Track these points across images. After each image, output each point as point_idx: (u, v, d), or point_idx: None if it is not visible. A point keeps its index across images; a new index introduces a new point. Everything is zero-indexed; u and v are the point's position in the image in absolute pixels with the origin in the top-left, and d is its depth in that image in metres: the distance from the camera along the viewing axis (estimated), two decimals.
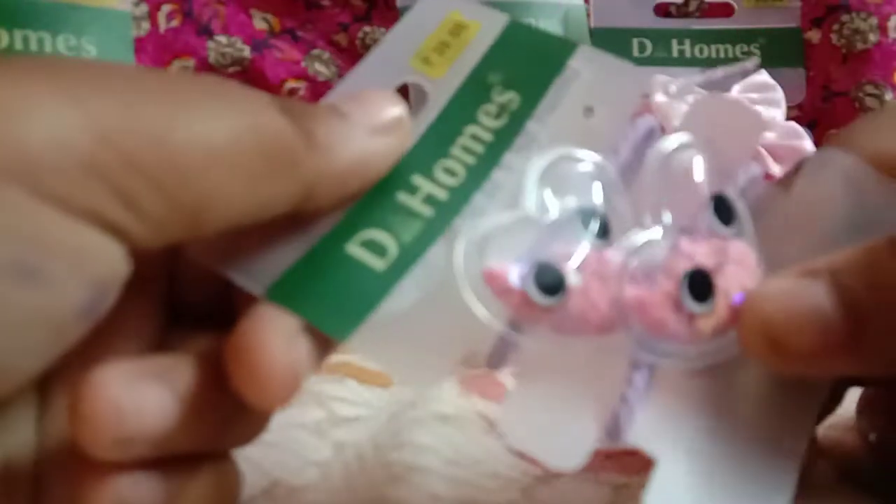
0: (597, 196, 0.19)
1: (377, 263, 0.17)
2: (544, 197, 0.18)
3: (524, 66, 0.21)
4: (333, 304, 0.16)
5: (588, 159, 0.19)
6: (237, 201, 0.15)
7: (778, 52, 0.45)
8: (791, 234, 0.18)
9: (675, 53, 0.45)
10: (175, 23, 0.44)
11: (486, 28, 0.21)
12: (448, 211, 0.18)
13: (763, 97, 0.42)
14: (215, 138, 0.14)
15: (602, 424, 0.16)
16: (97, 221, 0.14)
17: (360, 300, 0.17)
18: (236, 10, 0.45)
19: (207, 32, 0.44)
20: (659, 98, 0.41)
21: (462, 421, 0.27)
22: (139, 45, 0.41)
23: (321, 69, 0.46)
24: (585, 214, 0.18)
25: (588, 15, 0.46)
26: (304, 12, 0.47)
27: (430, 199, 0.18)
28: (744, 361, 0.16)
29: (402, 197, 0.18)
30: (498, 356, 0.17)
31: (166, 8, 0.43)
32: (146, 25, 0.42)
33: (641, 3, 0.46)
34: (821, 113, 0.46)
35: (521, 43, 0.21)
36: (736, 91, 0.42)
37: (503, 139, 0.20)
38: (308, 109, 0.16)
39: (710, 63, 0.45)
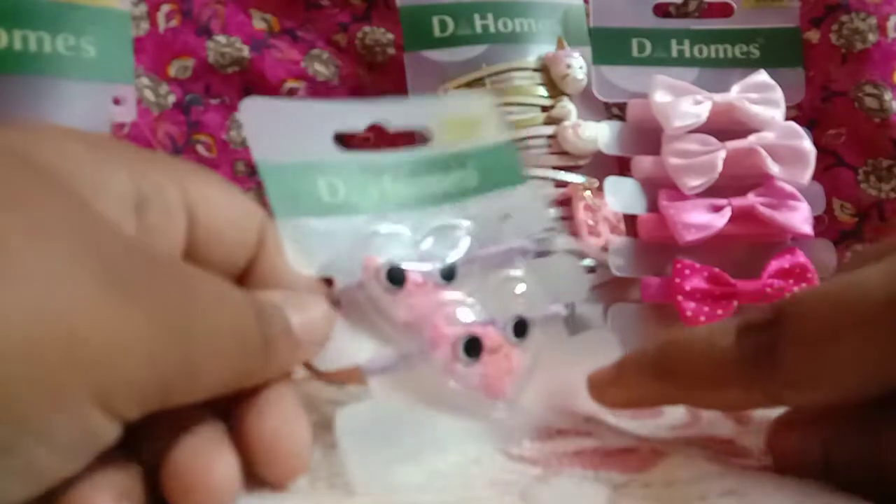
0: (462, 254, 0.28)
1: (327, 197, 0.28)
2: (431, 236, 0.29)
3: (495, 167, 0.32)
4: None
5: (473, 234, 0.29)
6: (215, 384, 0.20)
7: (777, 52, 0.45)
8: None
9: (674, 53, 0.45)
10: (174, 22, 0.44)
11: (493, 132, 0.32)
12: (380, 204, 0.29)
13: (762, 97, 0.42)
14: (218, 348, 0.19)
15: (362, 357, 0.26)
16: (121, 420, 0.17)
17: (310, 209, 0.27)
18: (235, 10, 0.45)
19: (206, 32, 0.44)
20: (659, 98, 0.41)
21: (458, 432, 0.27)
22: (138, 44, 0.41)
23: (320, 69, 0.46)
24: (444, 259, 0.28)
25: (587, 15, 0.46)
26: (304, 12, 0.47)
27: (381, 190, 0.29)
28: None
29: (369, 171, 0.29)
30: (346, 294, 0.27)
31: (165, 7, 0.43)
32: (145, 25, 0.42)
33: (641, 3, 0.46)
34: (820, 113, 0.46)
35: (504, 153, 0.32)
36: (735, 91, 0.42)
37: (448, 195, 0.30)
38: (274, 321, 0.21)
39: (709, 63, 0.45)
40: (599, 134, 0.42)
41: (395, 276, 0.27)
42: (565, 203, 0.42)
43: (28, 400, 0.15)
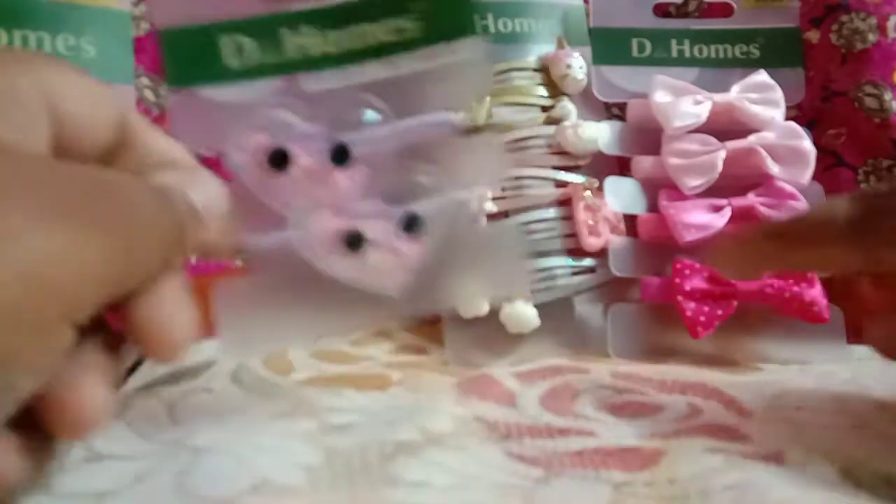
0: (363, 132, 0.26)
1: (231, 59, 0.25)
2: (329, 110, 0.25)
3: (441, 11, 0.26)
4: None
5: (373, 104, 0.26)
6: (148, 273, 0.21)
7: (777, 52, 0.45)
8: None
9: (674, 53, 0.45)
10: None
11: None
12: (296, 63, 0.25)
13: (762, 97, 0.42)
14: (147, 243, 0.21)
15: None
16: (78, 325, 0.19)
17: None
18: None
19: None
20: (659, 98, 0.41)
21: (459, 436, 0.26)
22: (138, 44, 0.41)
23: None
24: (336, 139, 0.25)
25: (587, 15, 0.46)
26: None
27: (299, 44, 0.25)
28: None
29: (283, 22, 0.25)
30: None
31: None
32: (145, 25, 0.42)
33: (641, 3, 0.46)
34: (820, 113, 0.46)
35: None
36: (735, 91, 0.42)
37: (380, 48, 0.26)
38: (177, 205, 0.22)
39: (709, 63, 0.45)
40: (599, 134, 0.42)
41: (278, 159, 0.25)
42: (565, 203, 0.42)
43: (20, 343, 0.17)
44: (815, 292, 0.38)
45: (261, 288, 0.25)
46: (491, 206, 0.40)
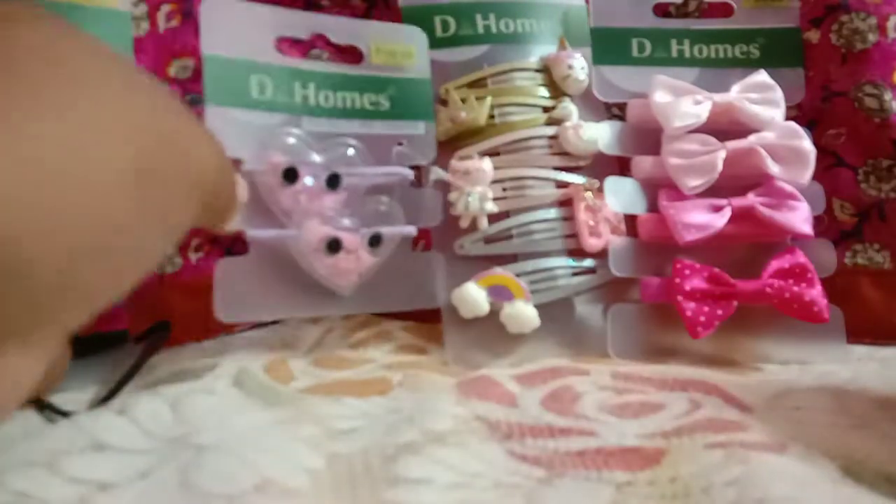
0: (348, 167, 0.37)
1: (255, 93, 0.36)
2: (325, 147, 0.37)
3: (408, 98, 0.40)
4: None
5: (357, 148, 0.38)
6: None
7: (777, 52, 0.45)
8: None
9: (674, 53, 0.45)
10: (174, 23, 0.44)
11: (418, 65, 0.41)
12: (300, 108, 0.37)
13: (762, 97, 0.42)
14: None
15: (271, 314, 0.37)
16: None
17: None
18: None
19: None
20: (659, 98, 0.41)
21: (460, 435, 0.27)
22: (138, 45, 0.41)
23: None
24: (331, 169, 0.36)
25: (588, 15, 0.46)
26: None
27: (305, 95, 0.38)
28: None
29: (298, 77, 0.38)
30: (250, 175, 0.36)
31: (165, 8, 0.43)
32: (145, 25, 0.42)
33: (641, 3, 0.46)
34: (820, 113, 0.46)
35: (419, 89, 0.40)
36: (735, 91, 0.42)
37: (361, 111, 0.38)
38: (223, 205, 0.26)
39: (709, 63, 0.45)
40: (600, 134, 0.42)
41: (289, 175, 0.35)
42: (566, 204, 0.42)
43: None
44: (815, 292, 0.38)
45: (256, 266, 0.35)
46: (492, 207, 0.40)
